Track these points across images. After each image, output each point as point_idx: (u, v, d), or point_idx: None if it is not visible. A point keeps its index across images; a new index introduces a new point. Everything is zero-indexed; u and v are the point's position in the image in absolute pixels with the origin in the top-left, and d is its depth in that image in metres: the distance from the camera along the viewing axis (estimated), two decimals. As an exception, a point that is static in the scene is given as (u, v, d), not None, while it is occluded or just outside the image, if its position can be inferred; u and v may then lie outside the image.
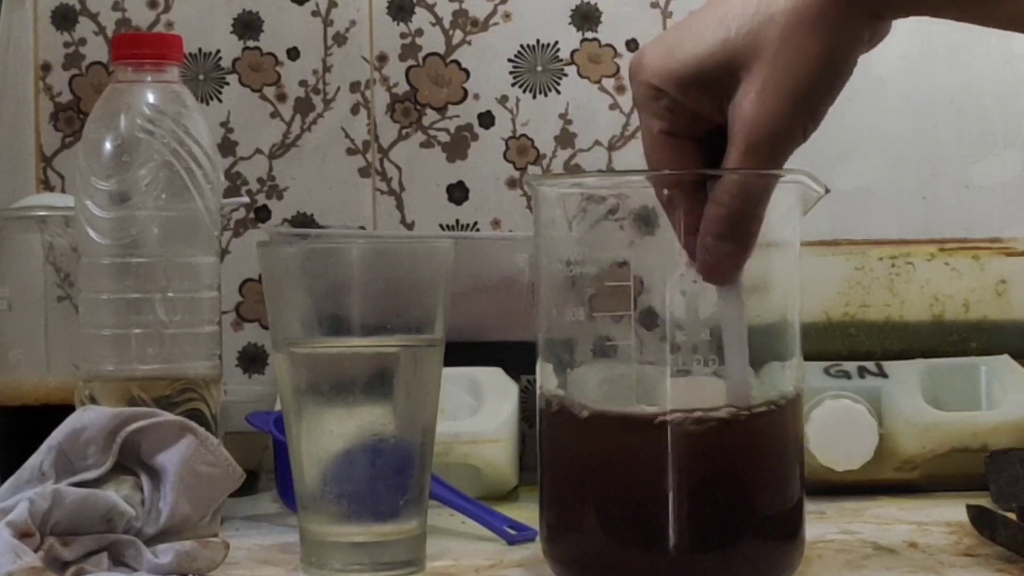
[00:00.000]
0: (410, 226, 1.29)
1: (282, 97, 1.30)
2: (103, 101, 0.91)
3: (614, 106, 1.29)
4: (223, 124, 1.30)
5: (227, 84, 1.30)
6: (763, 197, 0.72)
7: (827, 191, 0.76)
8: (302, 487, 0.80)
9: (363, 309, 0.79)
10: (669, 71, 0.72)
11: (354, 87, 1.30)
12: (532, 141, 1.30)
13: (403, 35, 1.30)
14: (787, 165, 0.74)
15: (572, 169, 1.29)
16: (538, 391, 0.76)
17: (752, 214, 0.72)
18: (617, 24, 1.30)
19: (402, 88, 1.30)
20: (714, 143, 0.73)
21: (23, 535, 0.71)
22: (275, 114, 1.30)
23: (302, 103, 1.30)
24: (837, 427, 1.01)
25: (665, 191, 0.73)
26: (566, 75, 1.30)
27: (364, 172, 1.30)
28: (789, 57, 0.69)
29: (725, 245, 0.72)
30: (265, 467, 1.08)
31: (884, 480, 1.03)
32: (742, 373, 0.72)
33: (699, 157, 0.74)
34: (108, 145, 0.90)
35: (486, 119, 1.30)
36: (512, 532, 0.88)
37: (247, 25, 1.30)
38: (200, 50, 1.30)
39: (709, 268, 0.72)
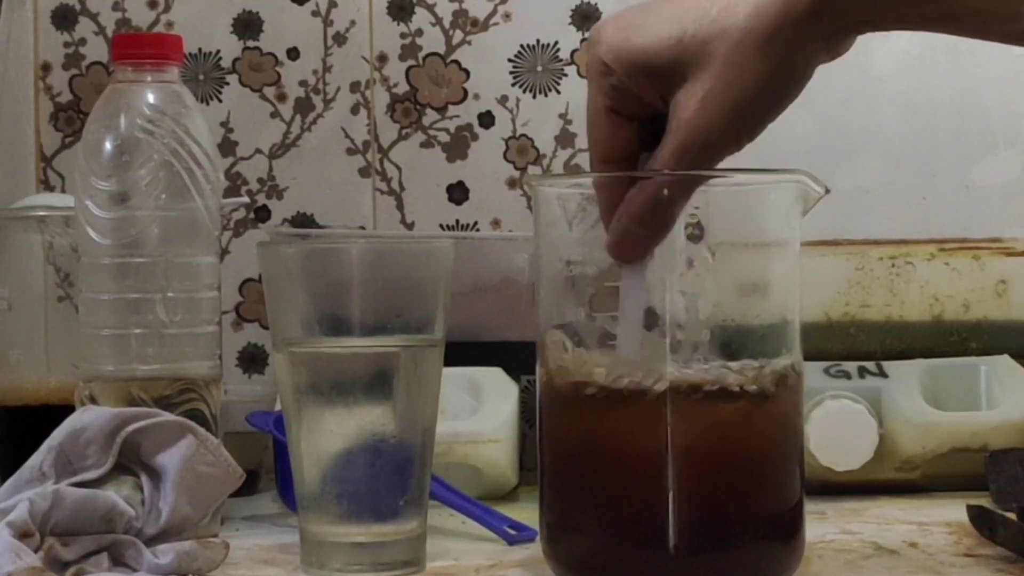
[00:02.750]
0: (410, 226, 1.29)
1: (282, 97, 1.30)
2: (103, 101, 0.91)
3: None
4: (223, 124, 1.30)
5: (227, 84, 1.30)
6: (689, 192, 0.73)
7: (827, 191, 0.76)
8: (302, 487, 0.80)
9: (363, 309, 0.79)
10: (622, 54, 0.73)
11: (354, 87, 1.30)
12: (532, 141, 1.30)
13: (403, 35, 1.30)
14: (787, 165, 0.74)
15: (572, 169, 1.29)
16: (538, 381, 0.76)
17: (675, 206, 0.72)
18: (617, 24, 1.30)
19: (402, 88, 1.30)
20: (653, 125, 0.74)
21: (23, 535, 0.71)
22: (275, 114, 1.30)
23: (302, 103, 1.30)
24: (837, 427, 1.01)
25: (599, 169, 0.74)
26: (566, 75, 1.30)
27: (364, 172, 1.30)
28: (734, 73, 0.70)
29: (641, 230, 0.72)
30: (265, 467, 1.08)
31: (884, 480, 1.03)
32: (634, 344, 0.73)
33: (635, 138, 0.75)
34: (108, 145, 0.90)
35: (486, 119, 1.30)
36: (512, 532, 0.88)
37: (247, 25, 1.30)
38: (200, 50, 1.30)
39: (621, 248, 0.73)
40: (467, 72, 1.30)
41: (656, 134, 0.73)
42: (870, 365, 1.06)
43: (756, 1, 0.69)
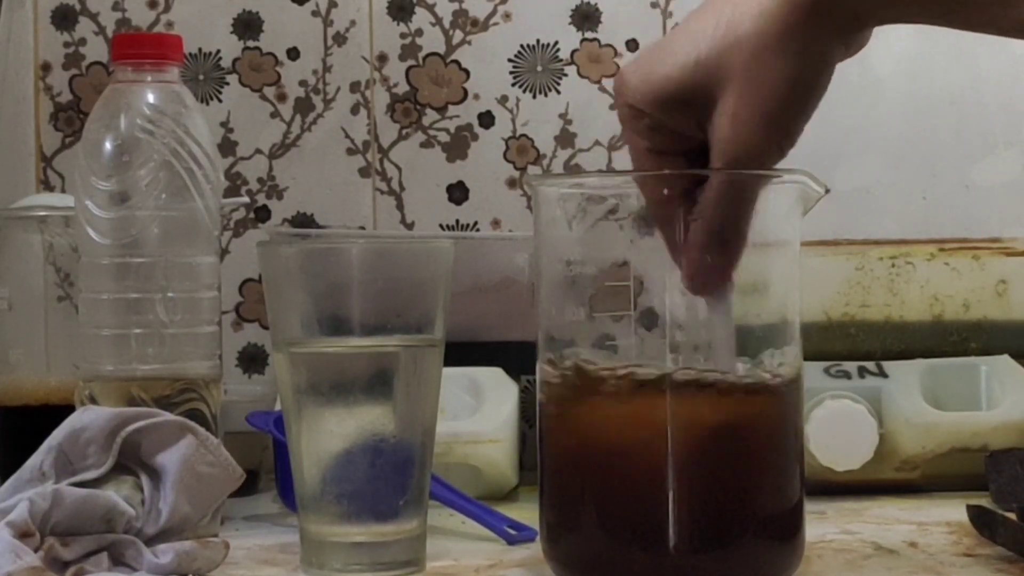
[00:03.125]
0: (410, 226, 1.29)
1: (282, 97, 1.30)
2: (103, 101, 0.91)
3: (614, 106, 1.29)
4: (223, 124, 1.30)
5: (227, 84, 1.30)
6: (746, 208, 0.72)
7: (827, 191, 0.76)
8: (302, 487, 0.80)
9: (363, 309, 0.79)
10: (647, 93, 0.72)
11: (354, 87, 1.30)
12: (532, 141, 1.30)
13: (403, 35, 1.30)
14: (787, 165, 0.74)
15: (572, 169, 1.29)
16: (538, 380, 0.76)
17: (736, 226, 0.72)
18: (617, 24, 1.30)
19: (402, 88, 1.30)
20: (700, 157, 0.73)
21: (23, 535, 0.71)
22: (275, 114, 1.30)
23: (302, 103, 1.30)
24: (837, 427, 1.01)
25: (659, 205, 0.73)
26: (566, 75, 1.30)
27: (364, 172, 1.30)
28: (757, 81, 0.70)
29: (710, 258, 0.72)
30: (265, 467, 1.08)
31: (884, 480, 1.03)
32: (727, 359, 0.73)
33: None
34: (108, 145, 0.90)
35: (486, 119, 1.30)
36: (512, 532, 0.88)
37: (247, 25, 1.30)
38: (200, 50, 1.30)
39: (697, 282, 0.72)
40: (467, 72, 1.30)
41: (704, 164, 0.73)
42: (870, 365, 1.06)
43: (760, 8, 0.69)
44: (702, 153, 0.73)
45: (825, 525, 0.91)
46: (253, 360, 1.29)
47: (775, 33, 0.69)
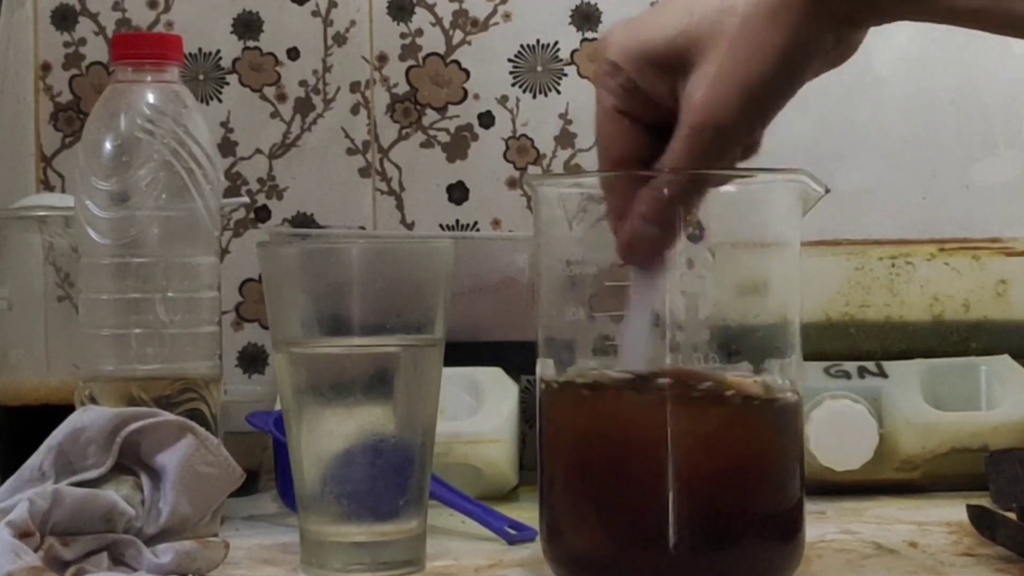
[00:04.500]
0: (410, 226, 1.29)
1: (282, 97, 1.30)
2: (103, 101, 0.91)
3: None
4: (223, 124, 1.30)
5: (227, 84, 1.30)
6: (698, 188, 0.72)
7: (827, 191, 0.76)
8: (302, 487, 0.80)
9: (363, 309, 0.79)
10: (630, 49, 0.73)
11: (354, 87, 1.30)
12: (532, 141, 1.30)
13: (403, 35, 1.30)
14: (787, 165, 0.74)
15: (572, 169, 1.29)
16: (538, 380, 0.76)
17: (687, 205, 0.72)
18: (617, 24, 1.30)
19: (402, 88, 1.30)
20: (661, 133, 0.73)
21: (23, 535, 0.71)
22: (275, 114, 1.30)
23: (302, 103, 1.30)
24: (837, 427, 1.01)
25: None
26: (566, 75, 1.30)
27: (364, 172, 1.30)
28: (745, 47, 0.70)
29: (653, 230, 0.72)
30: (265, 467, 1.08)
31: (884, 480, 1.03)
32: (637, 352, 0.72)
33: (646, 142, 0.74)
34: (108, 145, 0.90)
35: (486, 119, 1.30)
36: (512, 532, 0.88)
37: (247, 25, 1.30)
38: (200, 50, 1.30)
39: (634, 251, 0.73)
40: (467, 72, 1.30)
41: (663, 142, 0.73)
42: (870, 365, 1.06)
43: None
44: (667, 129, 0.73)
45: (825, 525, 0.91)
46: (253, 360, 1.29)
47: (768, 7, 0.69)
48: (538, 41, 1.30)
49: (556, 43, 1.30)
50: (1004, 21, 0.69)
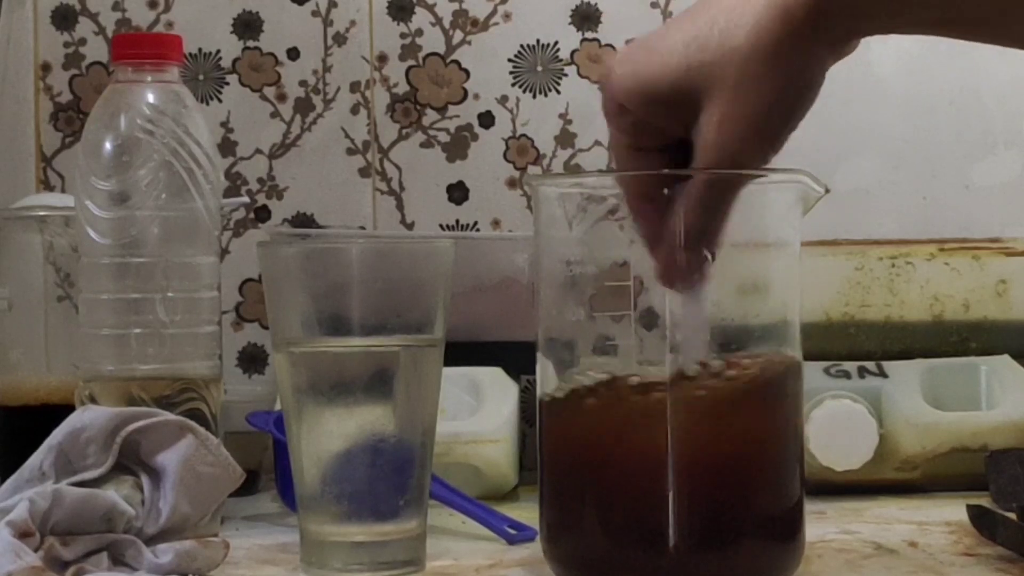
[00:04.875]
0: (410, 226, 1.29)
1: (282, 97, 1.30)
2: (103, 101, 0.91)
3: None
4: (223, 124, 1.30)
5: (227, 84, 1.30)
6: (726, 208, 0.72)
7: (827, 191, 0.76)
8: (302, 487, 0.80)
9: (363, 309, 0.79)
10: (633, 92, 0.72)
11: (354, 87, 1.30)
12: (532, 141, 1.30)
13: (403, 35, 1.30)
14: (787, 165, 0.74)
15: (572, 169, 1.29)
16: (539, 380, 0.76)
17: (715, 225, 0.72)
18: (617, 24, 1.30)
19: (402, 88, 1.30)
20: (680, 152, 0.73)
21: (23, 535, 0.71)
22: (275, 114, 1.30)
23: (302, 103, 1.30)
24: (837, 427, 1.01)
25: (637, 200, 0.73)
26: (566, 75, 1.30)
27: (364, 172, 1.30)
28: (747, 90, 0.69)
29: (687, 254, 0.72)
30: (265, 467, 1.08)
31: (884, 480, 1.03)
32: (699, 349, 0.73)
33: (665, 167, 0.74)
34: (108, 145, 0.90)
35: (486, 119, 1.30)
36: (512, 532, 0.88)
37: (247, 25, 1.30)
38: (200, 50, 1.30)
39: (671, 277, 0.73)
40: (467, 72, 1.30)
41: (685, 159, 0.73)
42: (870, 365, 1.06)
43: (755, 20, 0.69)
44: (681, 147, 0.73)
45: (825, 525, 0.91)
46: (253, 360, 1.29)
47: (768, 47, 0.69)
48: (538, 41, 1.30)
49: (556, 43, 1.30)
50: (998, 32, 0.70)
